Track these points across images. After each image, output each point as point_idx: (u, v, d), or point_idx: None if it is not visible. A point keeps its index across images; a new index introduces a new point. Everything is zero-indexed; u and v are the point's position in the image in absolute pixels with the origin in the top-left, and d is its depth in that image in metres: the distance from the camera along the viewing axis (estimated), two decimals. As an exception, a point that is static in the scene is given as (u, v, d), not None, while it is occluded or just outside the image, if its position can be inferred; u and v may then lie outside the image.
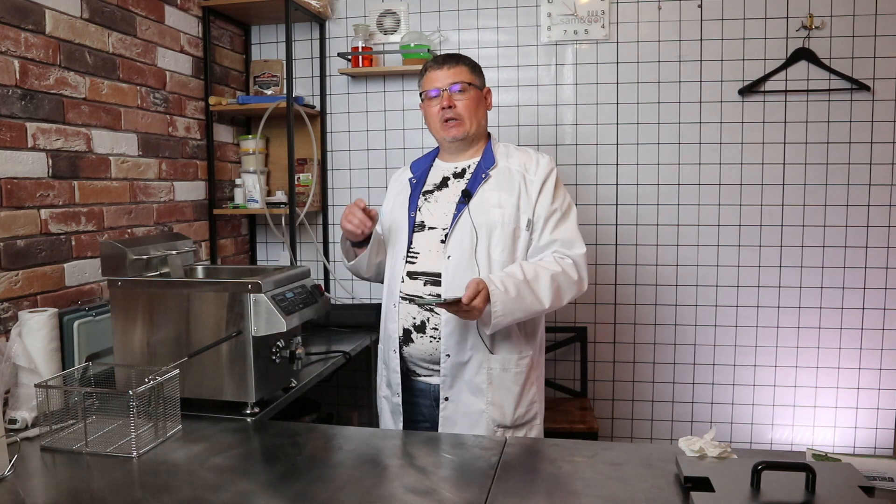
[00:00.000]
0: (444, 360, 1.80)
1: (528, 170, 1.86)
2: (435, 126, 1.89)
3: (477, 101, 1.88)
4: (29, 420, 1.60)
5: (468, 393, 1.81)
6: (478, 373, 1.80)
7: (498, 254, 1.80)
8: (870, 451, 2.77)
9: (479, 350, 1.80)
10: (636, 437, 2.96)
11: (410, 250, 1.87)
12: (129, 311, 1.74)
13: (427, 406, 1.88)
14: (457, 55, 1.92)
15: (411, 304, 1.81)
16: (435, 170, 1.96)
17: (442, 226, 1.84)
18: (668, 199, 2.83)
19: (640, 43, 2.79)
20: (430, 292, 1.81)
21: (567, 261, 1.80)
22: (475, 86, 1.88)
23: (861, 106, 2.67)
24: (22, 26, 1.88)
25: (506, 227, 1.80)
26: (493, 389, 1.81)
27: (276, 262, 3.19)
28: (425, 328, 1.82)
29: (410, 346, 1.85)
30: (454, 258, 1.79)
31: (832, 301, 2.77)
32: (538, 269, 1.75)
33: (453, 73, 1.87)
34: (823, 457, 1.30)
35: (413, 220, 1.89)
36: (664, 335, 2.89)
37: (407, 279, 1.85)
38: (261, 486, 1.29)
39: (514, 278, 1.71)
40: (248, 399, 1.69)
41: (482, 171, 1.86)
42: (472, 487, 1.27)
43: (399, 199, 1.97)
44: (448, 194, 1.89)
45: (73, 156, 2.08)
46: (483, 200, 1.82)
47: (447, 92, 1.85)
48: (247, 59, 3.13)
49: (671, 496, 1.22)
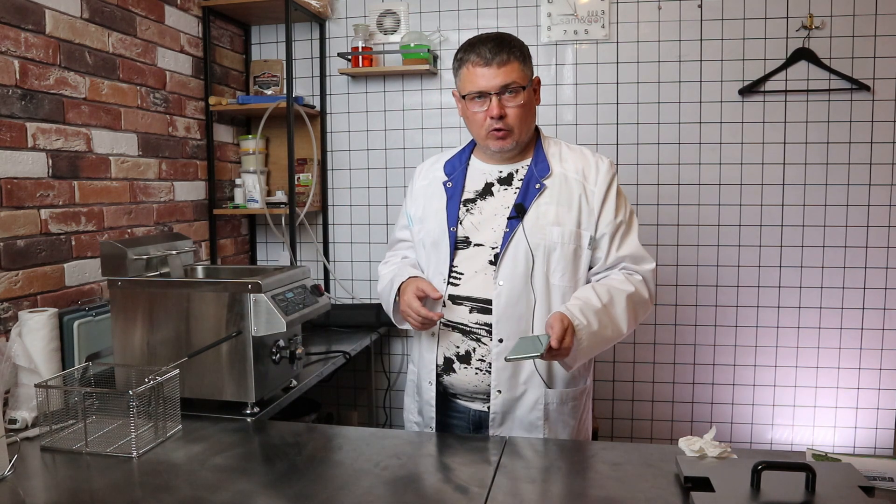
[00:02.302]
0: (494, 395, 1.60)
1: (588, 178, 1.62)
2: (478, 132, 1.62)
3: (530, 104, 1.60)
4: (29, 420, 1.60)
5: (521, 430, 1.62)
6: (533, 409, 1.61)
7: (558, 278, 1.59)
8: (870, 451, 2.77)
9: (534, 384, 1.60)
10: (636, 437, 2.95)
11: (454, 270, 1.63)
12: (129, 311, 1.74)
13: (464, 429, 1.69)
14: (506, 43, 1.55)
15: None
16: (473, 172, 1.70)
17: (490, 243, 1.61)
18: (667, 200, 2.83)
19: (640, 43, 2.79)
20: (478, 321, 1.60)
21: (637, 277, 1.61)
22: (526, 85, 1.57)
23: (861, 106, 2.67)
24: (22, 26, 1.88)
25: (566, 248, 1.58)
26: (550, 426, 1.62)
27: (276, 262, 3.19)
28: (470, 358, 1.62)
29: (451, 375, 1.65)
30: (507, 284, 1.57)
31: (832, 301, 2.77)
32: (612, 292, 1.55)
33: (504, 72, 1.54)
34: (823, 457, 1.30)
35: (455, 236, 1.64)
36: (664, 335, 2.89)
37: (450, 304, 1.63)
38: (261, 486, 1.29)
39: (592, 306, 1.50)
40: (247, 399, 1.69)
41: (535, 180, 1.61)
42: (472, 487, 1.27)
43: (433, 206, 1.70)
44: (494, 205, 1.63)
45: (73, 156, 2.08)
46: (539, 216, 1.58)
47: (496, 97, 1.55)
48: (247, 59, 3.13)
49: (671, 496, 1.22)
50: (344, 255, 3.13)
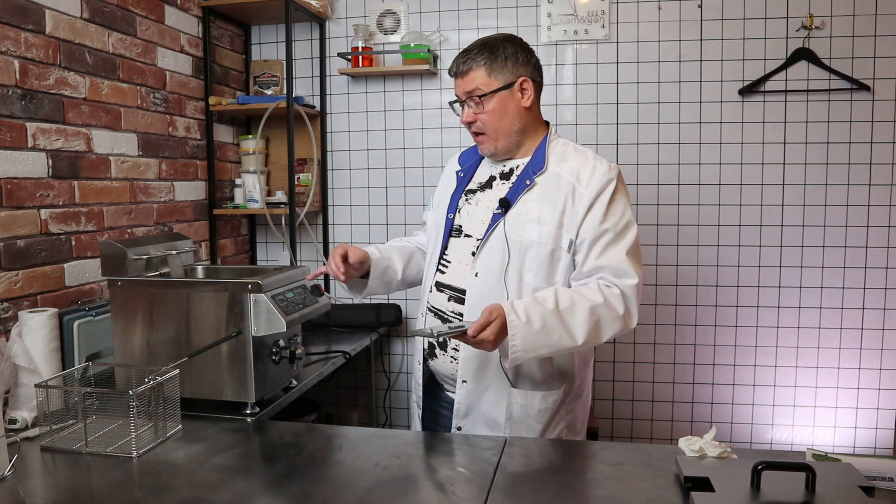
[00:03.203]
0: (460, 385, 1.62)
1: (580, 179, 1.57)
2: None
3: (502, 109, 1.59)
4: (29, 420, 1.60)
5: (483, 425, 1.62)
6: (496, 406, 1.60)
7: (531, 277, 1.56)
8: (870, 451, 2.77)
9: (499, 380, 1.59)
10: (636, 437, 2.95)
11: (444, 257, 1.68)
12: (129, 311, 1.74)
13: (449, 419, 1.70)
14: (472, 51, 1.60)
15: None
16: (483, 166, 1.74)
17: (476, 235, 1.63)
18: (667, 200, 2.83)
19: (640, 43, 2.79)
20: (453, 310, 1.63)
21: (614, 290, 1.52)
22: (496, 90, 1.58)
23: (861, 106, 2.67)
24: (22, 26, 1.88)
25: (542, 248, 1.56)
26: (513, 425, 1.61)
27: (276, 262, 3.19)
28: (446, 346, 1.65)
29: (434, 360, 1.70)
30: (482, 276, 1.58)
31: (832, 301, 2.77)
32: (575, 298, 1.48)
33: (466, 82, 1.60)
34: (823, 457, 1.30)
35: (451, 223, 1.68)
36: (664, 335, 2.89)
37: (434, 290, 1.68)
38: (261, 486, 1.29)
39: (541, 307, 1.46)
40: (248, 399, 1.69)
41: (527, 176, 1.61)
42: (472, 487, 1.27)
43: (446, 194, 1.76)
44: (489, 198, 1.66)
45: (73, 156, 2.08)
46: (521, 213, 1.58)
47: (464, 105, 1.63)
48: (247, 59, 3.13)
49: (671, 496, 1.22)
50: (344, 255, 3.13)
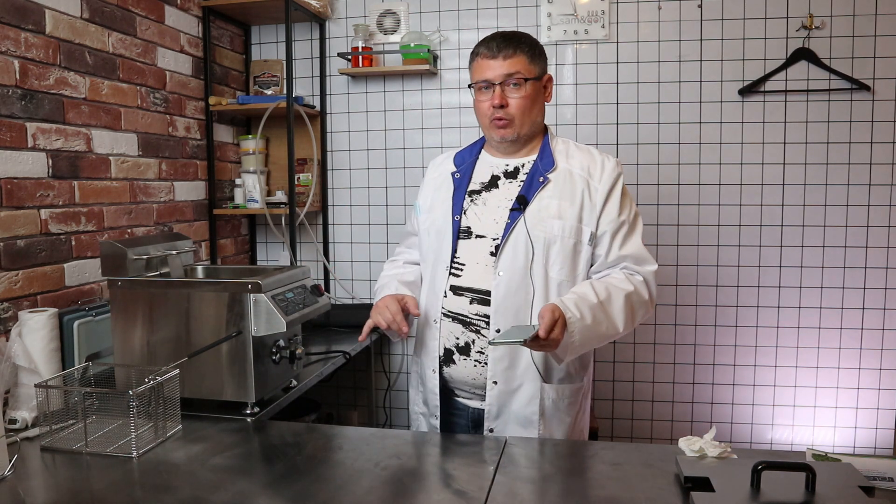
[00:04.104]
0: (490, 387, 1.61)
1: (593, 175, 1.64)
2: (483, 121, 1.67)
3: (534, 98, 1.63)
4: (29, 420, 1.60)
5: (516, 424, 1.62)
6: (529, 404, 1.61)
7: (556, 272, 1.60)
8: (870, 451, 2.77)
9: (530, 378, 1.60)
10: (636, 437, 2.95)
11: (455, 260, 1.65)
12: (129, 311, 1.74)
13: (463, 427, 1.70)
14: (515, 38, 1.62)
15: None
16: (482, 165, 1.73)
17: (492, 235, 1.63)
18: (667, 200, 2.83)
19: (640, 43, 2.79)
20: (477, 312, 1.61)
21: (638, 278, 1.61)
22: (533, 78, 1.62)
23: (861, 106, 2.67)
24: (22, 26, 1.88)
25: (566, 242, 1.59)
26: (546, 422, 1.62)
27: (276, 262, 3.19)
28: (469, 350, 1.63)
29: (451, 367, 1.66)
30: (506, 275, 1.59)
31: (832, 301, 2.77)
32: (610, 289, 1.55)
33: (510, 64, 1.59)
34: (823, 457, 1.30)
35: (458, 225, 1.67)
36: (664, 335, 2.89)
37: (450, 294, 1.65)
38: (261, 486, 1.29)
39: (587, 301, 1.50)
40: (247, 399, 1.69)
41: (540, 173, 1.63)
42: (472, 487, 1.27)
43: (440, 196, 1.74)
44: (498, 197, 1.66)
45: (73, 156, 2.08)
46: (541, 209, 1.60)
47: (500, 87, 1.61)
48: (247, 59, 3.13)
49: (671, 496, 1.22)
50: (344, 255, 3.13)
